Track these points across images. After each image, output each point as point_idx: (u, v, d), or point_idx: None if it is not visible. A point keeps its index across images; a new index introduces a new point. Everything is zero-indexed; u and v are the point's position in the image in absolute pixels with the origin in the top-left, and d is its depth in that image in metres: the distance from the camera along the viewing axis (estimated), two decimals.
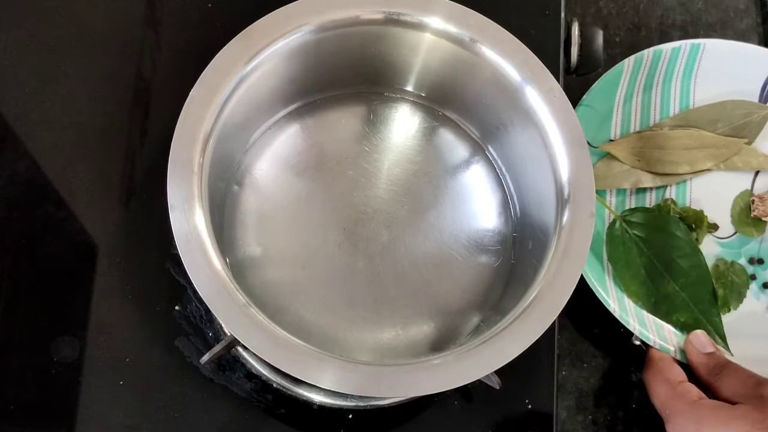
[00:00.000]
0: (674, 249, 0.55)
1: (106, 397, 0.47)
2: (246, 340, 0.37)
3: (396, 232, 0.48)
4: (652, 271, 0.54)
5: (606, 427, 0.56)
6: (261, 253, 0.47)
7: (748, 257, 0.58)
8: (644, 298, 0.54)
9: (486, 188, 0.50)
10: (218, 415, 0.47)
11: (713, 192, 0.59)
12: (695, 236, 0.57)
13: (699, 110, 0.60)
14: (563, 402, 0.56)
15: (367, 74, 0.50)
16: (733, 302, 0.56)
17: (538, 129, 0.44)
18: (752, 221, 0.58)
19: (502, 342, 0.39)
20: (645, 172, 0.58)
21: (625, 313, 0.53)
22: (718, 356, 0.52)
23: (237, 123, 0.44)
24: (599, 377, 0.57)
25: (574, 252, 0.41)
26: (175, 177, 0.40)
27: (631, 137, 0.59)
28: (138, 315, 0.48)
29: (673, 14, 0.66)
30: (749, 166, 0.59)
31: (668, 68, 0.60)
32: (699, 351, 0.52)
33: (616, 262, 0.55)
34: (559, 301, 0.40)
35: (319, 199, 0.48)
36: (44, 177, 0.50)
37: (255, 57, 0.43)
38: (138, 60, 0.53)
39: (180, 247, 0.38)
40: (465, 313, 0.48)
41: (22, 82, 0.52)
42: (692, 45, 0.59)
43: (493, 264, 0.49)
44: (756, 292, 0.57)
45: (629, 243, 0.55)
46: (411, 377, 0.38)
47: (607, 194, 0.58)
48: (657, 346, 0.53)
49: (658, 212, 0.57)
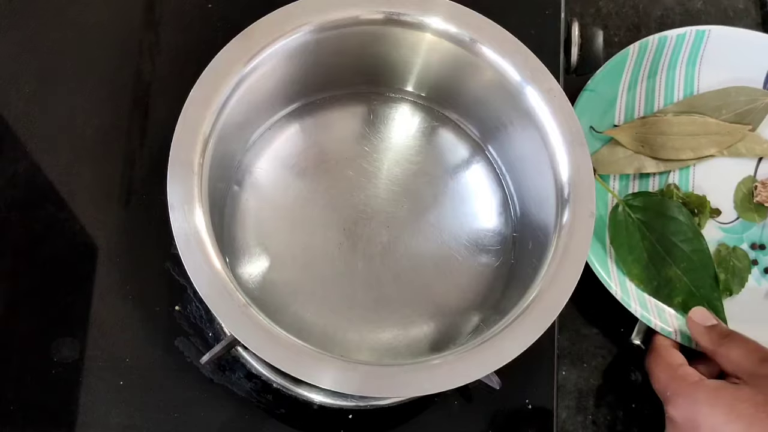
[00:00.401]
0: (676, 233, 0.55)
1: (106, 397, 0.47)
2: (246, 340, 0.37)
3: (396, 232, 0.48)
4: (654, 255, 0.55)
5: (606, 427, 0.56)
6: (261, 253, 0.47)
7: (750, 242, 0.58)
8: (646, 281, 0.55)
9: (486, 188, 0.50)
10: (218, 415, 0.47)
11: (716, 178, 0.59)
12: (698, 221, 0.57)
13: (703, 96, 0.60)
14: (563, 402, 0.56)
15: (367, 74, 0.50)
16: (735, 287, 0.56)
17: (538, 129, 0.44)
18: (755, 207, 0.59)
19: (502, 342, 0.39)
20: (648, 157, 0.58)
21: (627, 296, 0.54)
22: (720, 327, 0.51)
23: (237, 123, 0.44)
24: (599, 377, 0.57)
25: (574, 252, 0.41)
26: (175, 177, 0.40)
27: (635, 123, 0.59)
28: (138, 315, 0.48)
29: (672, 14, 0.67)
30: (753, 153, 0.60)
31: (673, 54, 0.60)
32: (701, 324, 0.51)
33: (619, 246, 0.55)
34: (559, 301, 0.40)
35: (319, 199, 0.48)
36: (44, 177, 0.50)
37: (255, 57, 0.43)
38: (137, 60, 0.53)
39: (180, 247, 0.38)
40: (465, 313, 0.48)
41: (22, 83, 0.52)
42: (697, 31, 0.60)
43: (493, 264, 0.49)
44: (757, 277, 0.58)
45: (632, 227, 0.55)
46: (411, 377, 0.38)
47: (611, 179, 0.58)
48: (658, 329, 0.53)
49: (661, 197, 0.57)
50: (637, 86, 0.60)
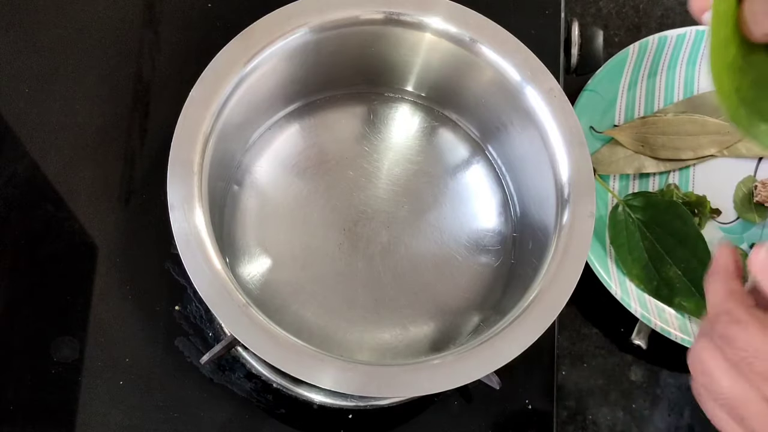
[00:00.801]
0: (677, 233, 0.55)
1: (106, 397, 0.47)
2: (246, 340, 0.37)
3: (396, 232, 0.48)
4: (654, 255, 0.55)
5: (606, 427, 0.56)
6: (261, 253, 0.47)
7: (750, 242, 0.58)
8: (646, 281, 0.55)
9: (486, 188, 0.50)
10: (218, 415, 0.47)
11: (716, 178, 0.59)
12: (698, 221, 0.57)
13: (703, 96, 0.60)
14: (563, 402, 0.56)
15: (367, 74, 0.50)
16: None
17: (538, 129, 0.44)
18: (755, 207, 0.59)
19: (502, 342, 0.39)
20: (648, 157, 0.58)
21: (627, 296, 0.54)
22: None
23: (237, 123, 0.44)
24: (599, 377, 0.57)
25: (574, 252, 0.41)
26: (175, 177, 0.40)
27: (636, 123, 0.59)
28: (138, 315, 0.48)
29: (673, 14, 0.66)
30: (753, 153, 0.60)
31: (673, 54, 0.60)
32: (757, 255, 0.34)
33: (619, 246, 0.55)
34: (559, 301, 0.40)
35: (319, 199, 0.48)
36: (44, 177, 0.50)
37: (255, 57, 0.43)
38: (138, 60, 0.53)
39: (180, 247, 0.38)
40: (465, 313, 0.48)
41: (22, 83, 0.52)
42: (697, 31, 0.60)
43: (493, 264, 0.49)
44: None
45: (632, 227, 0.56)
46: (411, 377, 0.38)
47: (611, 179, 0.58)
48: (658, 329, 0.53)
49: (661, 197, 0.57)
50: (638, 86, 0.60)
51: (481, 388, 0.44)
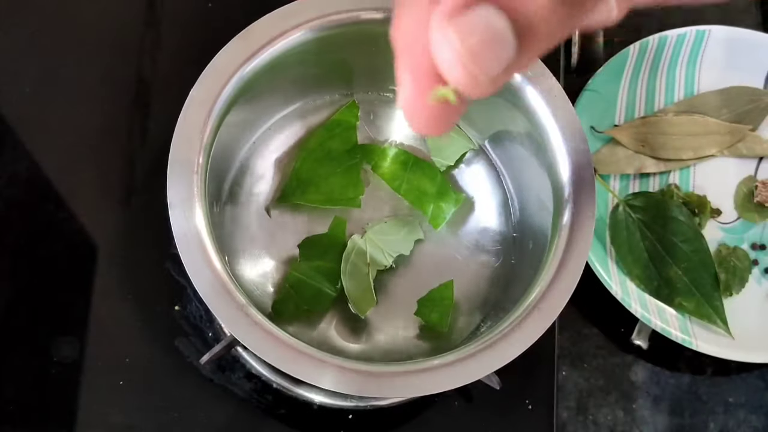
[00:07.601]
0: (677, 233, 0.55)
1: (106, 397, 0.47)
2: (246, 340, 0.37)
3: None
4: (654, 255, 0.55)
5: (606, 427, 0.56)
6: (261, 253, 0.47)
7: (750, 243, 0.58)
8: (646, 281, 0.55)
9: (486, 188, 0.50)
10: (218, 415, 0.47)
11: (717, 178, 0.59)
12: (698, 221, 0.57)
13: (703, 96, 0.60)
14: (563, 402, 0.56)
15: (367, 74, 0.50)
16: (735, 287, 0.56)
17: (538, 129, 0.44)
18: (755, 207, 0.59)
19: (503, 342, 0.39)
20: (649, 157, 0.58)
21: (627, 296, 0.54)
22: None
23: (237, 123, 0.44)
24: (599, 377, 0.57)
25: (575, 252, 0.41)
26: (175, 177, 0.40)
27: (636, 123, 0.59)
28: (138, 315, 0.48)
29: (673, 14, 0.66)
30: (753, 153, 0.59)
31: (673, 54, 0.60)
32: None
33: (619, 246, 0.55)
34: (559, 301, 0.40)
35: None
36: (44, 177, 0.50)
37: (255, 57, 0.43)
38: (138, 60, 0.53)
39: (180, 247, 0.38)
40: (465, 313, 0.48)
41: (22, 83, 0.52)
42: (697, 31, 0.60)
43: (493, 264, 0.49)
44: (758, 277, 0.57)
45: (632, 227, 0.56)
46: (411, 377, 0.38)
47: (611, 179, 0.58)
48: (658, 329, 0.53)
49: (662, 197, 0.57)
50: (638, 86, 0.60)
51: (481, 388, 0.44)
